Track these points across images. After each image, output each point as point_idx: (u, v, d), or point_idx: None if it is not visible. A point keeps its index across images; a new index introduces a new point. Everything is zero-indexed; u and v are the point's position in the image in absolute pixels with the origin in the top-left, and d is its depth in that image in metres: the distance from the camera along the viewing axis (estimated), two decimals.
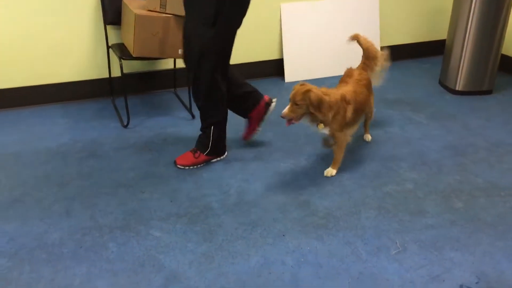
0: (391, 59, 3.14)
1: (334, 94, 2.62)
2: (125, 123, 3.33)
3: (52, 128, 3.29)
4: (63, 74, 3.61)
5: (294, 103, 2.55)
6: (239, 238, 2.29)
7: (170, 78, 3.93)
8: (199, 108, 2.85)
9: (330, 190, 2.65)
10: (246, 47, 4.04)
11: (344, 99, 2.65)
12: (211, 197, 2.60)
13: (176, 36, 3.12)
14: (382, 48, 4.13)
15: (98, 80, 3.72)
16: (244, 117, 3.08)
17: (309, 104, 2.53)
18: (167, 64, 3.81)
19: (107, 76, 3.69)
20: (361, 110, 2.84)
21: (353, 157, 2.97)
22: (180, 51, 3.21)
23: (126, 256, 2.16)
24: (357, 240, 2.26)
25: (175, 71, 3.89)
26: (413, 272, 2.06)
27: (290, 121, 2.60)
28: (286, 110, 2.57)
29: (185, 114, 3.56)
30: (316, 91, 2.54)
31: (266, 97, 3.05)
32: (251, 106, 3.01)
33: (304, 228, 2.35)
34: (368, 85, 2.95)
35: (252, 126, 3.08)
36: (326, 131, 2.70)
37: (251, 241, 2.27)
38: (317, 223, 2.38)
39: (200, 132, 2.92)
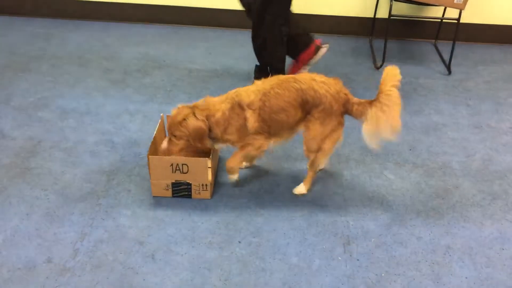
0: None
1: (221, 106, 2.03)
2: (379, 65, 3.35)
3: None
4: (329, 6, 3.76)
5: (172, 135, 2.06)
6: (475, 205, 2.16)
7: (433, 29, 3.74)
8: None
9: None
10: None
11: (238, 106, 2.01)
12: (452, 156, 2.48)
13: None
14: None
15: (361, 18, 3.77)
16: (292, 58, 3.04)
17: (188, 136, 2.01)
18: (436, 12, 3.63)
19: (372, 16, 3.71)
20: (279, 121, 2.03)
21: None
22: (456, 0, 3.01)
23: (357, 187, 2.26)
24: None
25: (440, 22, 3.68)
26: None
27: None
28: (164, 143, 2.09)
29: (442, 68, 3.39)
30: (192, 119, 1.97)
31: (318, 41, 3.01)
32: (301, 48, 2.98)
33: None
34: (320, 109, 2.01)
35: (297, 66, 3.05)
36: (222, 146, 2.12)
37: (488, 211, 2.12)
38: None
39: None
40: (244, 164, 2.34)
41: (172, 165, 2.06)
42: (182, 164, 2.05)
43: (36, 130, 2.56)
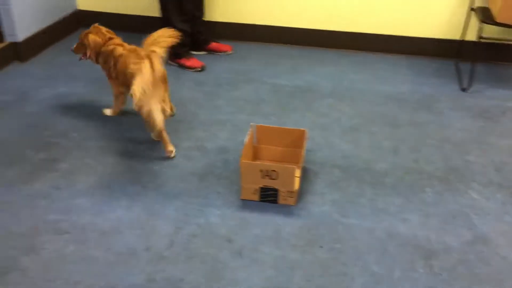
0: None
1: (111, 46, 2.78)
2: (465, 87, 3.33)
3: (395, 76, 3.56)
4: (414, 27, 3.79)
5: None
6: None
7: None
8: None
9: None
10: None
11: (112, 51, 2.76)
12: None
13: None
14: None
15: (447, 40, 3.77)
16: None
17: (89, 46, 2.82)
18: None
19: (458, 38, 3.70)
20: (121, 79, 2.73)
21: None
22: None
23: (440, 204, 2.28)
24: None
25: None
26: None
27: None
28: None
29: None
30: (92, 35, 2.80)
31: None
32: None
33: None
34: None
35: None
36: None
37: None
38: None
39: None
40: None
41: (262, 171, 2.20)
42: (272, 170, 2.19)
43: (136, 133, 2.82)
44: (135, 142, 2.74)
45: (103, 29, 2.82)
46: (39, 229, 2.11)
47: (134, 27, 4.15)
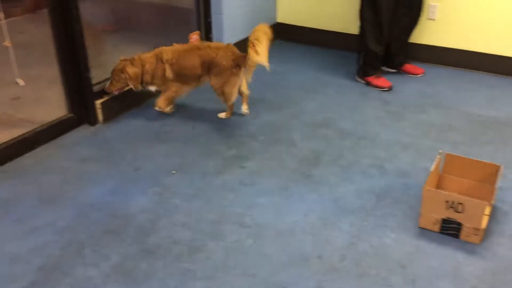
0: None
1: (150, 59, 2.98)
2: None
3: None
4: None
5: (114, 79, 3.00)
6: None
7: None
8: None
9: None
10: None
11: (160, 60, 2.96)
12: None
13: None
14: None
15: None
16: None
17: (128, 79, 2.97)
18: None
19: None
20: (186, 75, 2.99)
21: None
22: None
23: None
24: None
25: None
26: None
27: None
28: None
29: None
30: (129, 67, 2.95)
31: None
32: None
33: None
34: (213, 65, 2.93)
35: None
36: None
37: None
38: None
39: None
40: (170, 107, 3.17)
41: (447, 201, 2.09)
42: (458, 203, 2.07)
43: (318, 144, 2.91)
44: (314, 151, 2.83)
45: (129, 58, 2.96)
46: (225, 219, 2.32)
47: (328, 43, 4.28)
